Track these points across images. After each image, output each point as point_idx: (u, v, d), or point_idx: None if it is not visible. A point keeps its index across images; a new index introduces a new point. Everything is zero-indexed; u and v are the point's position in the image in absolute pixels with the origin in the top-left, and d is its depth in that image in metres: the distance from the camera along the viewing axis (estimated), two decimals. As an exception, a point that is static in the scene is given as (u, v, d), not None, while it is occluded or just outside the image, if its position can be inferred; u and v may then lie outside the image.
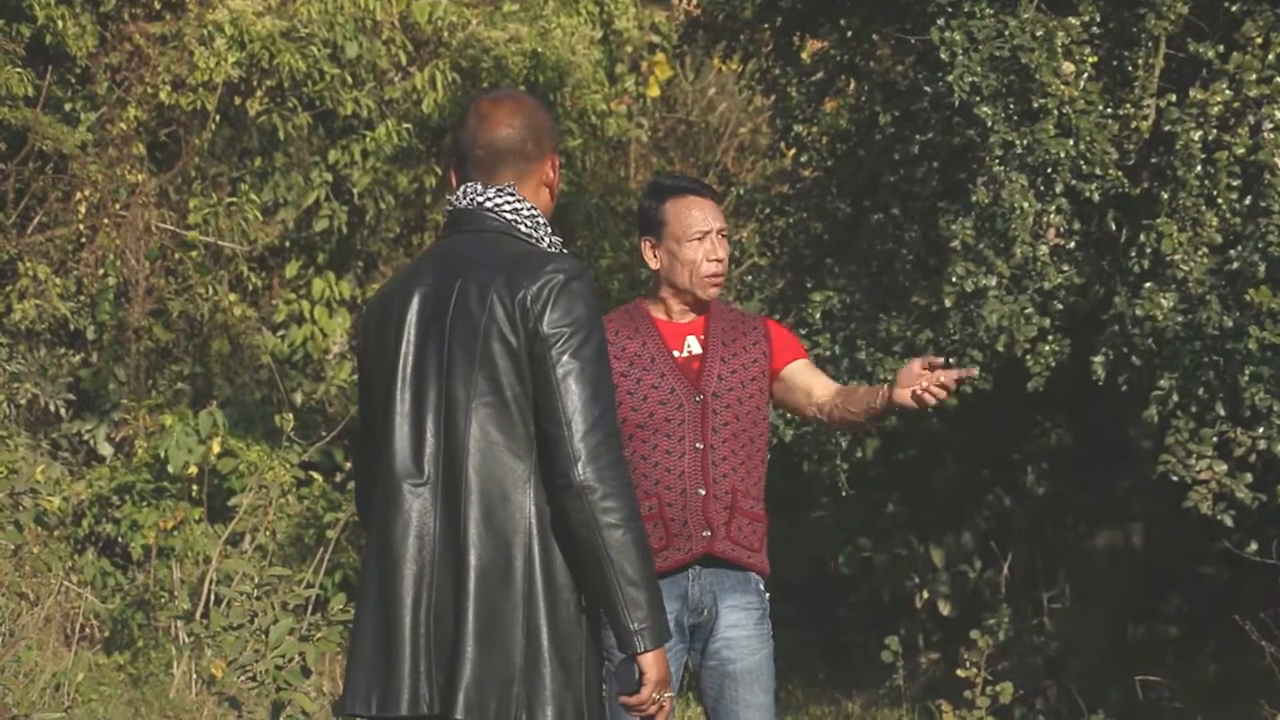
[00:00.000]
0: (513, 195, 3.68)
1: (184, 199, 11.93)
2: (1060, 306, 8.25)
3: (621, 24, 12.96)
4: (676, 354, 4.78)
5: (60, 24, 10.96)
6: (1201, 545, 10.46)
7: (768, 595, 4.83)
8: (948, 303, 8.08)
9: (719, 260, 4.79)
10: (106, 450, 11.40)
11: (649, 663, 3.51)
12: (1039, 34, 7.69)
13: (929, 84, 8.15)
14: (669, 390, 4.71)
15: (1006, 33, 7.69)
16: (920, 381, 4.62)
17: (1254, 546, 8.69)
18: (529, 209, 3.68)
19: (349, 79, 11.92)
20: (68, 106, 11.45)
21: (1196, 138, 7.80)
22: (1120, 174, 7.94)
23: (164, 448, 10.29)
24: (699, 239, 4.79)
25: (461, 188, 3.72)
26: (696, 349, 4.81)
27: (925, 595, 11.09)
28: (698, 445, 4.69)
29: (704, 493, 4.68)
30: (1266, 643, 8.28)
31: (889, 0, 8.94)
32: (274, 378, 11.69)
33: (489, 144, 3.70)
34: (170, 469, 10.26)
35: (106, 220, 11.46)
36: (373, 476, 3.64)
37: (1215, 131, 7.82)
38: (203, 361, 11.97)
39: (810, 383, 4.88)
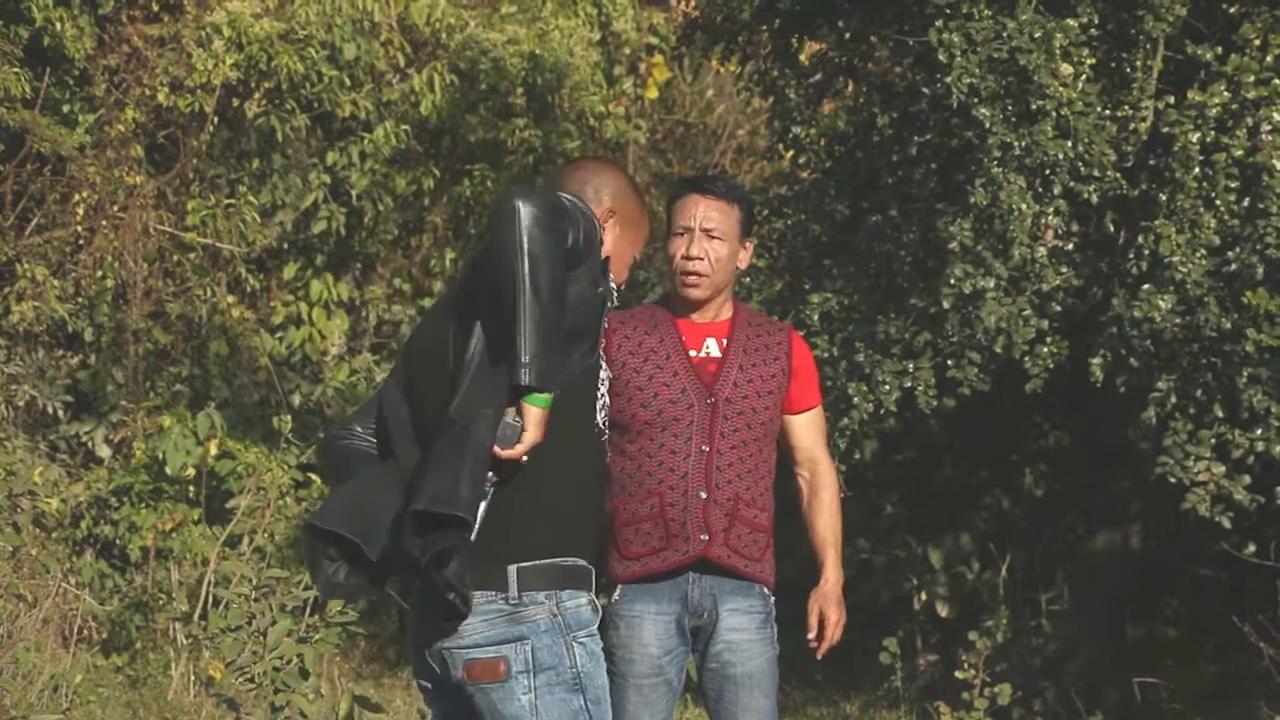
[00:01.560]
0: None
1: (182, 201, 11.93)
2: (1058, 308, 8.25)
3: (620, 25, 12.96)
4: (694, 354, 4.77)
5: (58, 25, 10.95)
6: (1200, 547, 10.46)
7: (773, 600, 4.82)
8: (946, 304, 8.08)
9: (693, 259, 4.75)
10: (105, 452, 11.39)
11: (531, 414, 3.73)
12: (1037, 35, 7.68)
13: (927, 85, 8.15)
14: (680, 390, 4.69)
15: (1005, 34, 7.69)
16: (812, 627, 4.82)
17: (1252, 548, 8.69)
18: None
19: (347, 81, 11.92)
20: (66, 108, 11.44)
21: (1195, 139, 7.80)
22: (1118, 176, 7.94)
23: (162, 449, 10.29)
24: (680, 235, 4.78)
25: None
26: (715, 351, 4.79)
27: (923, 596, 11.09)
28: (704, 448, 4.68)
29: (705, 496, 4.67)
30: (1265, 644, 8.29)
31: (887, 2, 8.94)
32: (272, 379, 11.69)
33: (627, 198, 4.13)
34: (168, 471, 10.26)
35: (105, 222, 11.45)
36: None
37: (1213, 133, 7.82)
38: (201, 363, 11.97)
39: (801, 444, 4.92)
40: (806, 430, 4.92)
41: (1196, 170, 7.82)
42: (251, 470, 10.19)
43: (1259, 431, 7.87)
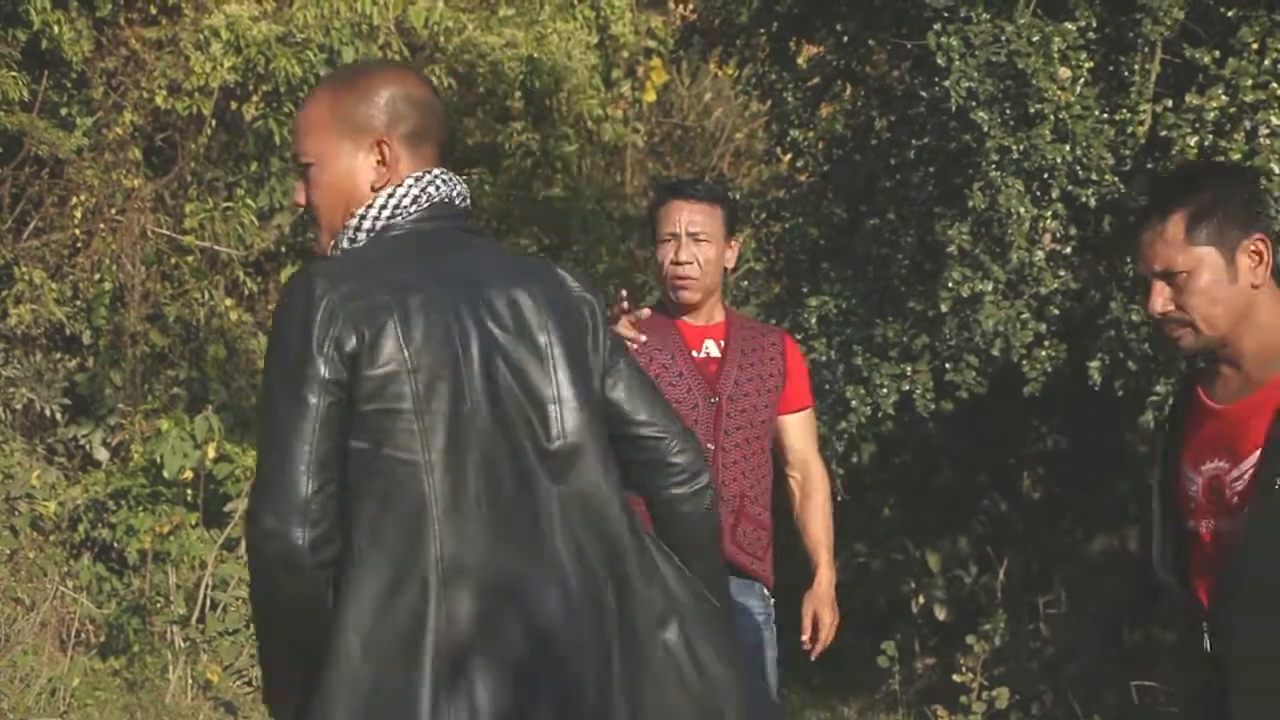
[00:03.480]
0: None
1: (180, 204, 11.92)
2: (1056, 311, 8.25)
3: (618, 29, 12.96)
4: (695, 354, 4.81)
5: (56, 29, 10.95)
6: (1197, 550, 10.45)
7: (773, 601, 4.84)
8: (944, 308, 8.08)
9: (681, 263, 4.79)
10: (102, 455, 11.38)
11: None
12: (1035, 39, 7.69)
13: (925, 89, 8.15)
14: (685, 390, 4.73)
15: (1003, 38, 7.69)
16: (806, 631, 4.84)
17: (1250, 551, 8.68)
18: None
19: (345, 84, 11.90)
20: (64, 111, 11.44)
21: (1193, 143, 7.81)
22: (1116, 179, 7.94)
23: (160, 452, 10.28)
24: (668, 240, 4.83)
25: (438, 171, 3.16)
26: (715, 352, 4.83)
27: (921, 600, 11.08)
28: (708, 446, 4.71)
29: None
30: (1263, 648, 8.28)
31: (885, 5, 8.94)
32: (270, 382, 11.67)
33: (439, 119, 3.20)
34: (166, 474, 10.25)
35: (103, 225, 11.45)
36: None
37: (1211, 137, 7.83)
38: (199, 366, 11.96)
39: (794, 445, 4.94)
40: (799, 431, 4.96)
41: (1194, 174, 7.82)
42: (250, 473, 10.18)
43: (1257, 435, 7.87)
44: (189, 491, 10.25)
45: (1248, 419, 3.32)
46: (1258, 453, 3.28)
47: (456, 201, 3.10)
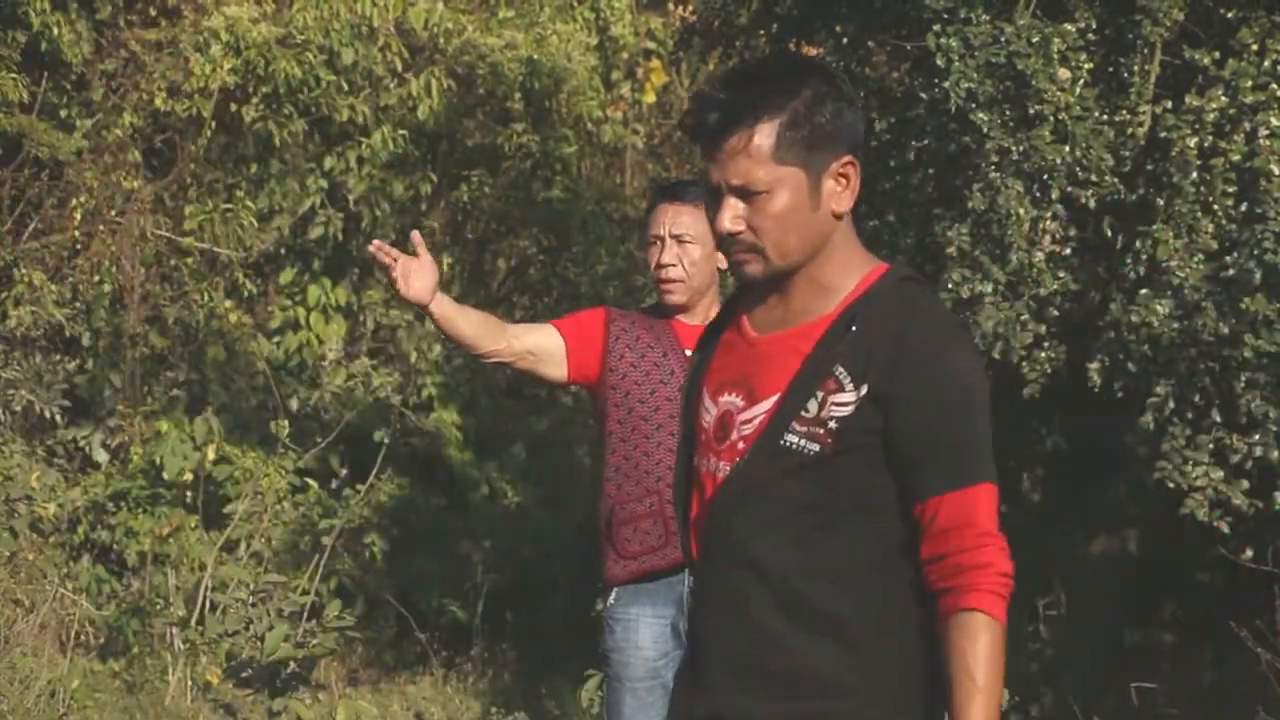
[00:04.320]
0: None
1: (179, 205, 11.92)
2: (1056, 313, 8.25)
3: (617, 30, 12.96)
4: (688, 353, 4.82)
5: (56, 30, 10.95)
6: (1197, 552, 10.45)
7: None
8: (944, 309, 8.07)
9: (665, 266, 4.82)
10: (102, 457, 11.38)
11: None
12: (1035, 40, 7.69)
13: (925, 90, 8.15)
14: (676, 388, 4.74)
15: (1003, 39, 7.69)
16: None
17: (1249, 553, 8.68)
18: None
19: (345, 85, 11.92)
20: (63, 113, 11.44)
21: (1192, 144, 7.80)
22: (1116, 180, 7.94)
23: (159, 454, 10.28)
24: (654, 243, 4.86)
25: None
26: None
27: (921, 602, 11.07)
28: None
29: (705, 492, 4.71)
30: (1262, 649, 8.28)
31: (885, 7, 8.94)
32: (269, 384, 11.68)
33: None
34: (165, 475, 10.25)
35: (102, 227, 11.45)
36: None
37: (1211, 138, 7.82)
38: (198, 368, 11.96)
39: None
40: None
41: (1194, 175, 7.81)
42: (249, 475, 10.19)
43: (1256, 436, 7.87)
44: (188, 493, 10.26)
45: (775, 357, 2.87)
46: (775, 398, 2.83)
47: None
